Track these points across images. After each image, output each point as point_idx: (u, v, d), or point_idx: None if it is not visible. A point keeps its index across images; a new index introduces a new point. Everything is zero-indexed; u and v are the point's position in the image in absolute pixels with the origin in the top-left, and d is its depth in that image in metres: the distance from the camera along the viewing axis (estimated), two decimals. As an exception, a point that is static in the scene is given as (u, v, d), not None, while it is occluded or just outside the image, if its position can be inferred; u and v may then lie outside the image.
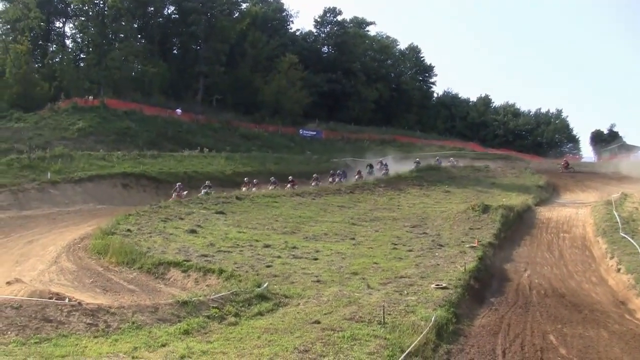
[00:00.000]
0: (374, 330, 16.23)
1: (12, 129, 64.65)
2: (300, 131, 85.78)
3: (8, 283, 23.34)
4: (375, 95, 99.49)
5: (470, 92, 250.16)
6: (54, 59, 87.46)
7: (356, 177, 56.04)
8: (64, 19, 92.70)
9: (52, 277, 25.37)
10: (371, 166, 58.60)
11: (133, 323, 17.27)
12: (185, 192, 43.02)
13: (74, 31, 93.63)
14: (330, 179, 54.42)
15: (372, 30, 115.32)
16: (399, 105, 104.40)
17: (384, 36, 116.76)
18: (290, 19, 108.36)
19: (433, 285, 21.32)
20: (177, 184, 45.87)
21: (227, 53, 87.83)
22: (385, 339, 15.54)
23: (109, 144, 62.26)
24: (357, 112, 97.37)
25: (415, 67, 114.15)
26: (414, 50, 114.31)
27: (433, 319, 17.01)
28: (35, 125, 65.97)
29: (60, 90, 77.15)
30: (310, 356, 14.05)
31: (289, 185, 50.34)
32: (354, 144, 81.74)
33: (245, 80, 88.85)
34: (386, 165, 59.05)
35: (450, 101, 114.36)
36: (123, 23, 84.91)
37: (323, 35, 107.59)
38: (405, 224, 36.42)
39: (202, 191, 44.58)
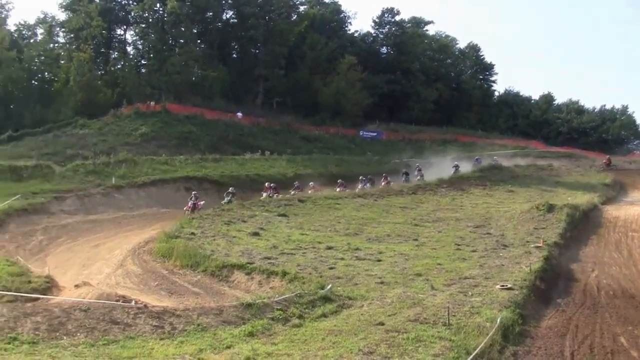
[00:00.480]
0: (438, 331, 16.11)
1: (77, 136, 66.03)
2: (361, 132, 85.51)
3: (76, 286, 23.81)
4: (434, 95, 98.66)
5: (531, 90, 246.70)
6: (116, 66, 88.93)
7: (402, 178, 55.48)
8: (124, 27, 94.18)
9: (118, 280, 25.81)
10: (407, 174, 57.49)
11: (198, 325, 17.46)
12: (202, 202, 41.12)
13: (134, 38, 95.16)
14: (359, 185, 52.31)
15: (430, 30, 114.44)
16: (460, 105, 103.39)
17: (443, 35, 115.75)
18: (348, 21, 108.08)
19: (498, 286, 21.05)
20: (193, 192, 43.14)
21: (286, 56, 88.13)
22: (450, 340, 15.42)
23: (171, 148, 63.03)
24: (417, 112, 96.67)
25: (475, 66, 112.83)
26: (473, 49, 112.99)
27: (499, 320, 16.79)
28: (99, 132, 67.26)
29: (123, 96, 78.38)
30: (374, 358, 14.02)
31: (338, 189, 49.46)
32: (414, 144, 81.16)
33: (304, 83, 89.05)
34: (421, 170, 57.71)
35: (512, 99, 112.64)
36: (182, 29, 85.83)
37: (381, 36, 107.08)
38: (468, 225, 36.06)
39: (225, 198, 43.07)
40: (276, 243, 30.33)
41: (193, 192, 42.38)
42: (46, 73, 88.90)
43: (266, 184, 48.33)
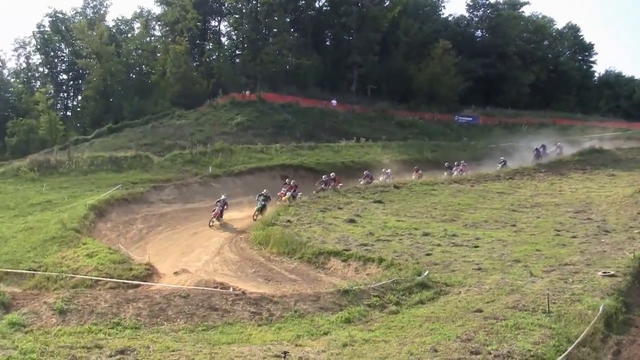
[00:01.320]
0: (538, 319, 15.81)
1: (174, 126, 67.63)
2: (456, 117, 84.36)
3: (176, 273, 24.48)
4: (531, 78, 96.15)
5: (635, 70, 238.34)
6: (211, 57, 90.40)
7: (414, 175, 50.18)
8: (219, 18, 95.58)
9: (216, 268, 26.34)
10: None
11: (295, 312, 17.64)
12: (226, 208, 38.11)
13: (229, 29, 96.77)
14: (361, 181, 46.56)
15: (526, 11, 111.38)
16: (558, 87, 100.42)
17: (539, 16, 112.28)
18: (442, 5, 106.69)
19: (600, 273, 20.45)
20: (222, 197, 37.90)
21: (380, 42, 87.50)
22: (550, 328, 15.11)
23: (267, 137, 63.50)
24: (514, 96, 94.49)
25: (573, 47, 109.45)
26: (572, 29, 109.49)
27: (601, 308, 16.35)
28: (196, 122, 68.62)
29: (218, 86, 79.73)
30: (473, 345, 13.87)
31: (362, 181, 46.32)
32: (511, 128, 79.35)
33: (399, 69, 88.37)
34: (504, 161, 55.33)
35: (614, 80, 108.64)
36: (276, 18, 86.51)
37: (476, 19, 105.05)
38: (568, 210, 35.12)
39: (258, 204, 37.74)
40: (372, 230, 30.33)
41: (222, 197, 38.29)
42: (143, 66, 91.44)
43: (287, 179, 45.20)
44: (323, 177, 44.61)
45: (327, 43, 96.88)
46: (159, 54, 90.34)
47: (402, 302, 18.85)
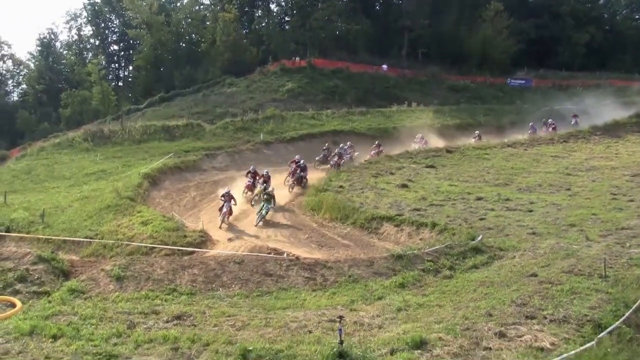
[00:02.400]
0: (594, 284, 15.59)
1: (225, 94, 67.89)
2: (509, 80, 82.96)
3: (229, 240, 24.75)
4: (586, 39, 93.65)
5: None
6: (260, 24, 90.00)
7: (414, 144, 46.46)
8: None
9: (269, 234, 26.50)
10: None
11: (349, 277, 17.74)
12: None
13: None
14: (371, 152, 43.10)
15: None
16: (613, 48, 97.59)
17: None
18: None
19: (658, 237, 20.08)
20: (226, 189, 31.57)
21: (431, 5, 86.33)
22: (607, 293, 14.88)
23: (318, 103, 63.40)
24: (568, 57, 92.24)
25: (630, 5, 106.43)
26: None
27: (660, 272, 16.06)
28: (247, 89, 68.69)
29: (268, 53, 79.45)
30: (528, 310, 13.75)
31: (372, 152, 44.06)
32: (565, 90, 77.70)
33: (450, 32, 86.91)
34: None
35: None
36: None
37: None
38: (624, 173, 34.42)
39: (262, 195, 31.44)
40: (425, 194, 30.25)
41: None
42: (193, 35, 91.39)
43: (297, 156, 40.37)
44: (340, 145, 43.34)
45: (377, 7, 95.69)
46: (208, 23, 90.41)
47: (456, 266, 18.81)
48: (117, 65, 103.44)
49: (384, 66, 77.04)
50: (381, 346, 11.57)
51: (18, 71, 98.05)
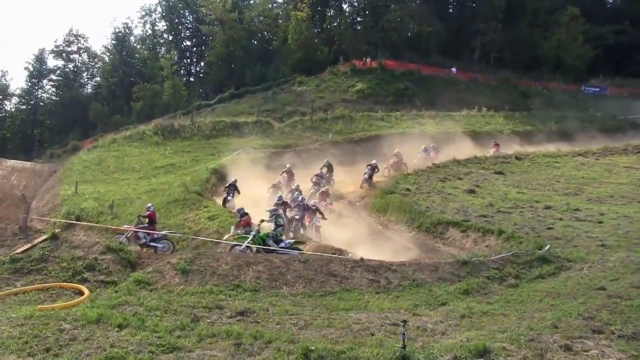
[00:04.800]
0: (667, 301, 15.13)
1: (295, 93, 68.44)
2: (583, 88, 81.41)
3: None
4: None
5: None
6: (332, 24, 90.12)
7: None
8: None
9: (334, 234, 26.49)
10: None
11: (413, 281, 17.63)
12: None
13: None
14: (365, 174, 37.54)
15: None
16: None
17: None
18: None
19: None
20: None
21: (504, 9, 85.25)
22: (681, 312, 14.42)
23: (387, 104, 63.33)
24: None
25: None
26: None
27: None
28: (317, 88, 69.06)
29: (339, 53, 79.62)
30: (595, 324, 13.41)
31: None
32: (643, 100, 75.87)
33: (523, 36, 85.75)
34: None
35: None
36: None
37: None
38: (701, 187, 33.52)
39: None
40: (492, 201, 29.99)
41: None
42: (265, 32, 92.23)
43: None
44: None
45: (450, 10, 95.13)
46: (280, 21, 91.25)
47: (522, 275, 18.52)
48: (189, 60, 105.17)
49: (454, 69, 76.65)
50: (444, 353, 11.44)
51: (93, 64, 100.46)
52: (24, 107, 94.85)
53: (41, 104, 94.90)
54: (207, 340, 12.34)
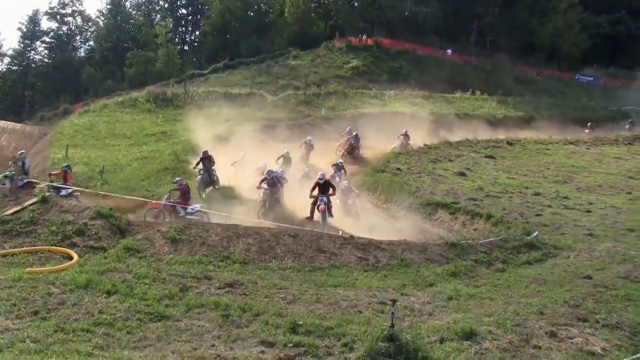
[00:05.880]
0: (651, 292, 15.25)
1: (289, 66, 68.12)
2: (577, 76, 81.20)
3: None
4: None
5: None
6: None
7: None
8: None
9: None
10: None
11: (402, 260, 17.75)
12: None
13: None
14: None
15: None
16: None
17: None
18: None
19: None
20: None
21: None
22: (664, 303, 14.55)
23: (381, 82, 63.09)
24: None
25: None
26: None
27: None
28: (311, 63, 68.70)
29: (335, 29, 79.19)
30: (580, 312, 13.54)
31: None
32: (637, 91, 75.90)
33: (520, 22, 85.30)
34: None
35: None
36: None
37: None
38: (692, 178, 33.63)
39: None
40: (482, 185, 30.10)
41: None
42: (262, 4, 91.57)
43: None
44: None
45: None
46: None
47: (509, 260, 18.64)
48: (184, 29, 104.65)
49: (449, 51, 76.40)
50: (431, 333, 11.54)
51: (87, 28, 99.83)
52: (15, 68, 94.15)
53: (33, 65, 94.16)
54: (195, 310, 12.42)
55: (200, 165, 29.79)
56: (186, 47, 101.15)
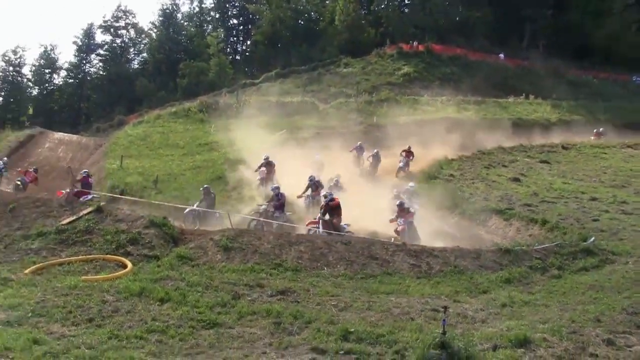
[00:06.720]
0: None
1: (340, 74, 68.13)
2: (634, 78, 79.81)
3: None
4: None
5: None
6: (379, 6, 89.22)
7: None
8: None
9: (374, 217, 26.40)
10: None
11: (455, 267, 17.58)
12: None
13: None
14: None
15: None
16: None
17: None
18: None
19: None
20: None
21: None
22: None
23: (433, 89, 62.50)
24: None
25: None
26: None
27: None
28: (362, 70, 68.67)
29: (386, 36, 78.92)
30: (639, 319, 13.21)
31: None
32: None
33: (574, 24, 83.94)
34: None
35: None
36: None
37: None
38: None
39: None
40: (537, 190, 29.72)
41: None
42: (312, 13, 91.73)
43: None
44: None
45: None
46: (327, 2, 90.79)
47: (565, 267, 18.31)
48: (235, 39, 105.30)
49: (501, 55, 75.61)
50: (483, 341, 11.36)
51: (140, 40, 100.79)
52: (71, 80, 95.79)
53: (88, 78, 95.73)
54: (247, 317, 12.44)
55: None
56: (238, 57, 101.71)
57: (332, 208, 22.88)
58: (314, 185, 26.51)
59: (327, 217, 22.79)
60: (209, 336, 11.28)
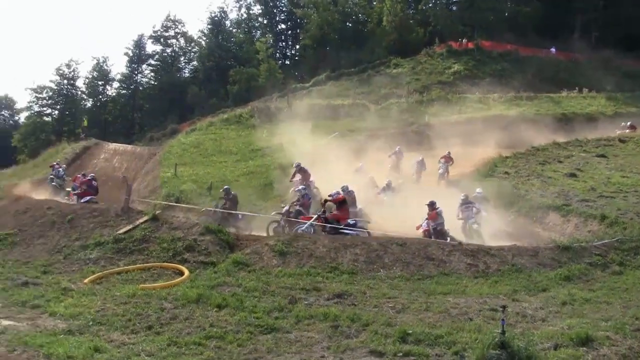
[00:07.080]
0: None
1: (390, 75, 67.95)
2: (694, 68, 77.77)
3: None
4: None
5: None
6: (427, 5, 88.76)
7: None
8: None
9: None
10: None
11: (512, 265, 17.40)
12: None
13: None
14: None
15: None
16: None
17: None
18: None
19: None
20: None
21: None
22: None
23: (484, 86, 61.87)
24: None
25: None
26: None
27: None
28: (412, 70, 68.49)
29: (435, 34, 78.55)
30: None
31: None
32: None
33: (627, 14, 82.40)
34: None
35: None
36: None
37: None
38: None
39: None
40: (594, 185, 29.14)
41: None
42: (360, 15, 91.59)
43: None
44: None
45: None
46: (375, 3, 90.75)
47: (627, 262, 17.95)
48: (284, 43, 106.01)
49: (552, 49, 74.51)
50: (544, 340, 11.19)
51: (190, 48, 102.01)
52: (124, 91, 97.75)
53: (140, 88, 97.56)
54: (305, 321, 12.47)
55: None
56: (287, 62, 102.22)
57: (337, 203, 22.91)
58: (302, 196, 25.83)
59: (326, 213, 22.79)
60: (266, 341, 11.33)
